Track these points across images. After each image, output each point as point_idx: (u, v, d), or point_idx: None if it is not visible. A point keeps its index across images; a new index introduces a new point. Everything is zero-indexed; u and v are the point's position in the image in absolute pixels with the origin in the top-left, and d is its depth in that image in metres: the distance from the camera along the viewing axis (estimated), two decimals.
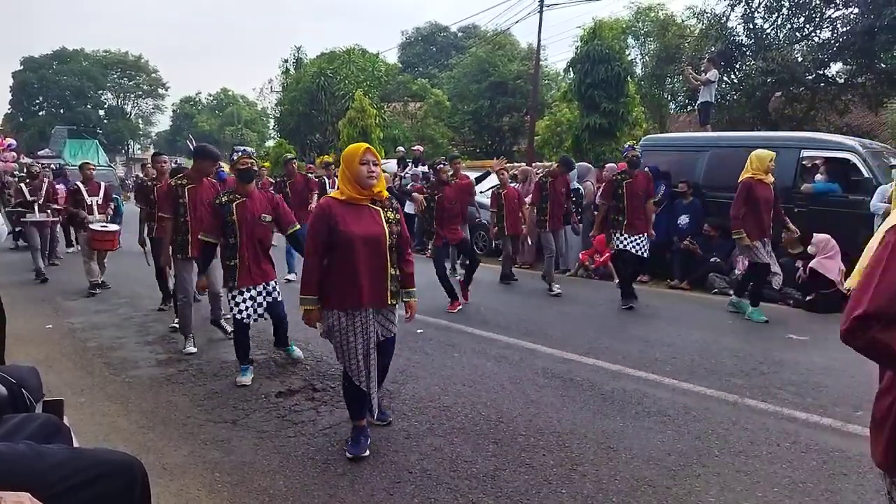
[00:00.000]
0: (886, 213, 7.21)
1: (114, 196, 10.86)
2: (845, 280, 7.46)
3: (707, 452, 3.65)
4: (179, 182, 5.77)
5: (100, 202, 9.27)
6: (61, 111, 59.09)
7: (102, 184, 9.69)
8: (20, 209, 10.16)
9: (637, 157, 7.68)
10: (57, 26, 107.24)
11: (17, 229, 12.25)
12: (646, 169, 7.94)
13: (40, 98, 61.35)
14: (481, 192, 11.45)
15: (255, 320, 4.93)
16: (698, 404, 4.43)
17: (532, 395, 4.60)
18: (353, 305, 3.47)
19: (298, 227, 5.05)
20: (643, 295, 8.01)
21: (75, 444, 2.07)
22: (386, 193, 3.62)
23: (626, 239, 7.60)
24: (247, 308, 4.85)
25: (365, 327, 3.52)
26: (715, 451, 3.66)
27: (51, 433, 1.92)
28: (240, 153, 4.84)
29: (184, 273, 5.77)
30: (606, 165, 11.40)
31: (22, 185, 10.47)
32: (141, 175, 11.82)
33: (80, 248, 9.80)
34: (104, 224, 8.97)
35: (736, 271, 8.79)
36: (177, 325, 6.36)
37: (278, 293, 5.06)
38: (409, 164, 14.57)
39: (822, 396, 4.57)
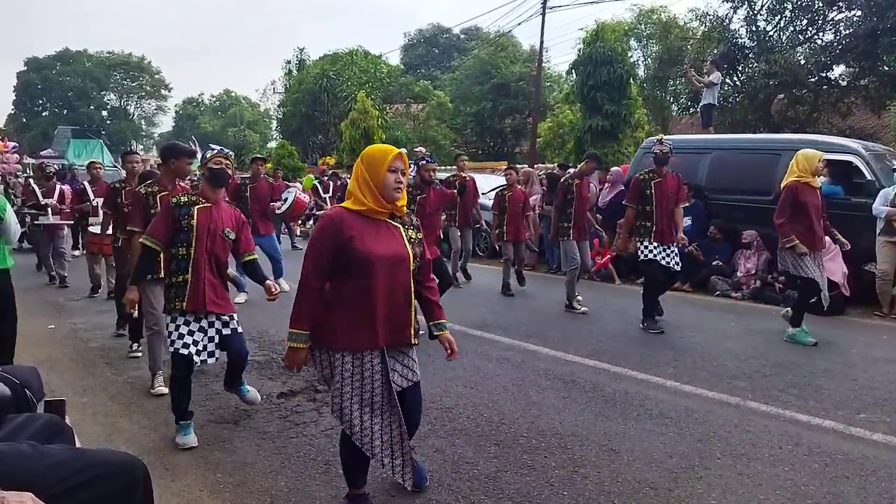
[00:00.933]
0: (888, 217, 7.21)
1: None
2: (848, 283, 7.47)
3: (709, 455, 3.64)
4: (150, 190, 4.80)
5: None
6: (64, 112, 59.29)
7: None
8: (33, 211, 9.72)
9: (666, 153, 6.66)
10: (58, 27, 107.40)
11: (22, 230, 12.08)
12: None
13: (43, 99, 61.59)
14: (483, 194, 11.42)
15: (205, 361, 3.85)
16: (700, 407, 4.42)
17: (534, 396, 4.60)
18: (366, 345, 2.76)
19: (256, 256, 4.23)
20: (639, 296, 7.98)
21: (78, 445, 2.07)
22: (405, 209, 2.93)
23: (655, 248, 6.57)
24: (195, 342, 3.77)
25: (378, 373, 2.79)
26: (717, 454, 3.66)
27: (53, 433, 1.92)
28: (214, 151, 4.01)
29: (152, 296, 4.69)
30: (611, 169, 11.37)
31: (34, 185, 10.06)
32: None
33: (84, 252, 9.40)
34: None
35: (738, 273, 8.78)
36: (123, 333, 6.09)
37: (237, 323, 4.01)
38: (412, 166, 14.58)
39: (825, 399, 4.56)
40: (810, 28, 16.72)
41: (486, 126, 31.88)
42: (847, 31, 15.44)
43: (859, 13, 15.08)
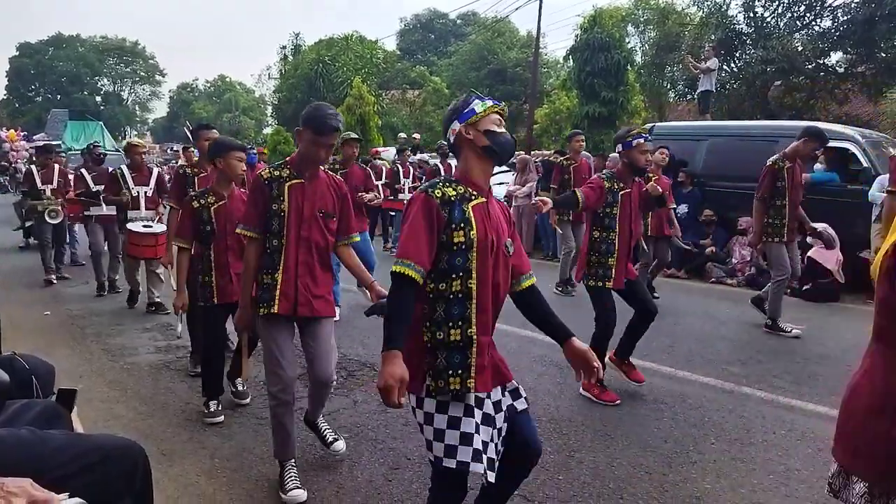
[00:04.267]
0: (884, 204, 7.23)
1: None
2: (842, 270, 7.50)
3: (703, 440, 3.68)
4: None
5: (149, 194, 6.97)
6: (58, 97, 58.82)
7: (155, 169, 7.51)
8: (83, 199, 7.94)
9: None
10: (53, 11, 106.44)
11: (27, 224, 11.12)
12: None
13: (36, 84, 61.02)
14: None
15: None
16: (695, 392, 4.45)
17: (530, 382, 4.62)
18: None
19: None
20: None
21: (80, 431, 2.08)
22: None
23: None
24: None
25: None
26: (711, 439, 3.69)
27: (52, 419, 1.93)
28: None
29: (276, 341, 3.13)
30: (610, 155, 11.32)
31: (83, 170, 8.29)
32: (182, 161, 8.73)
33: (120, 255, 7.62)
34: (147, 224, 6.75)
35: (733, 260, 8.81)
36: (195, 373, 4.68)
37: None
38: (409, 152, 14.52)
39: (818, 385, 4.60)
40: (808, 14, 16.64)
41: None
42: (845, 18, 15.38)
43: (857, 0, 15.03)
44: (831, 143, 8.32)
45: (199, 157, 5.45)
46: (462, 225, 2.09)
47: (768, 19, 17.33)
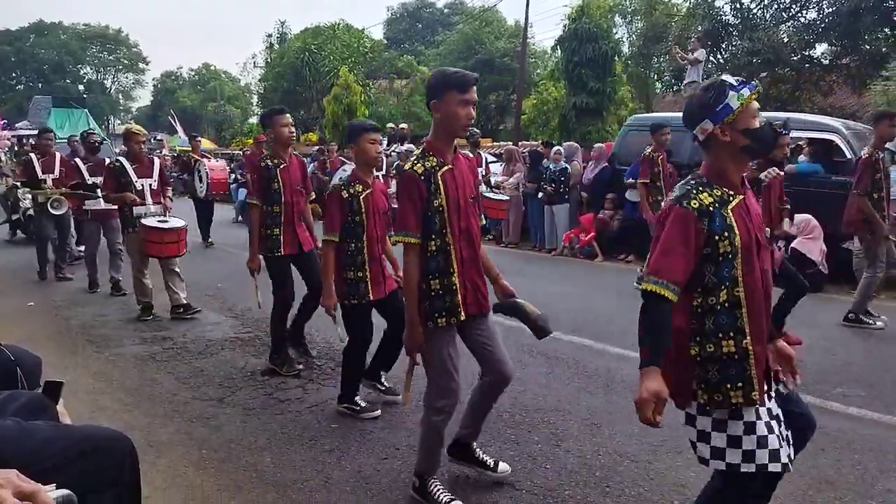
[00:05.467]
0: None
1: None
2: (826, 261, 7.57)
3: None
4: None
5: (154, 186, 6.30)
6: (39, 85, 57.91)
7: (156, 160, 6.80)
8: (80, 193, 7.38)
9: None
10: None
11: (13, 217, 10.99)
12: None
13: (17, 72, 60.12)
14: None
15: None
16: None
17: (517, 372, 4.58)
18: None
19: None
20: (626, 273, 8.05)
21: (68, 423, 2.06)
22: None
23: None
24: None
25: None
26: None
27: (36, 410, 1.91)
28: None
29: (448, 349, 2.83)
30: (595, 145, 11.36)
31: (77, 160, 7.80)
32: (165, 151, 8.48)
33: (126, 253, 6.83)
34: (163, 218, 6.14)
35: None
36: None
37: None
38: (397, 142, 14.45)
39: (803, 374, 4.64)
40: (794, 6, 16.75)
41: None
42: (830, 10, 15.50)
43: None
44: (816, 135, 8.41)
45: (274, 146, 4.69)
46: (726, 234, 1.94)
47: (754, 11, 17.42)
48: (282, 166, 4.55)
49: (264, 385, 4.41)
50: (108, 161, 7.06)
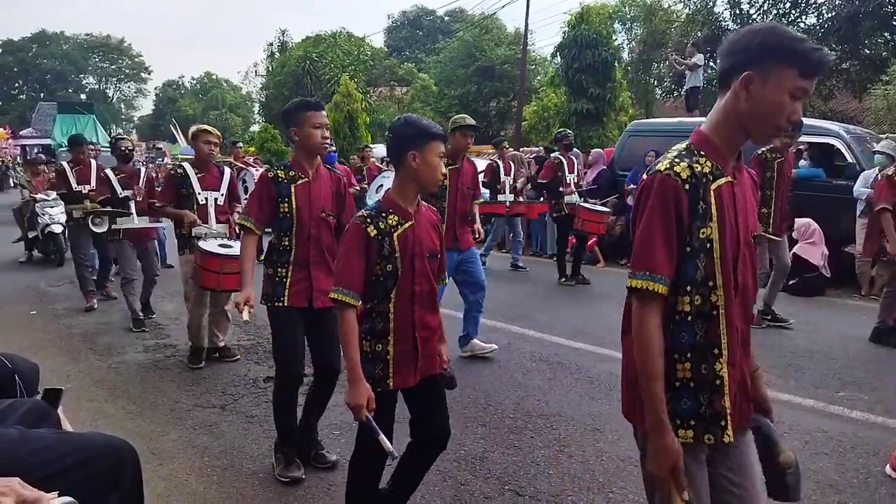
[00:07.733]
0: (869, 199, 7.30)
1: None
2: (828, 265, 7.57)
3: None
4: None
5: (220, 202, 5.10)
6: (41, 95, 58.21)
7: (227, 171, 5.37)
8: (109, 211, 6.11)
9: None
10: (35, 9, 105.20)
11: (30, 235, 9.77)
12: None
13: (20, 82, 60.50)
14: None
15: None
16: None
17: (520, 378, 4.64)
18: None
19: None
20: (624, 278, 8.02)
21: (69, 429, 2.06)
22: None
23: None
24: None
25: None
26: None
27: (39, 418, 1.91)
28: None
29: None
30: (592, 151, 11.37)
31: (108, 171, 6.38)
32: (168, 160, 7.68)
33: (157, 277, 6.38)
34: (225, 242, 4.78)
35: None
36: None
37: None
38: (506, 145, 14.19)
39: (805, 378, 4.64)
40: (793, 11, 16.81)
41: (470, 109, 31.68)
42: (829, 15, 15.56)
43: None
44: (816, 139, 8.42)
45: (297, 152, 3.29)
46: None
47: (754, 16, 17.49)
48: (300, 181, 3.16)
49: (265, 392, 4.40)
50: (169, 166, 6.18)
